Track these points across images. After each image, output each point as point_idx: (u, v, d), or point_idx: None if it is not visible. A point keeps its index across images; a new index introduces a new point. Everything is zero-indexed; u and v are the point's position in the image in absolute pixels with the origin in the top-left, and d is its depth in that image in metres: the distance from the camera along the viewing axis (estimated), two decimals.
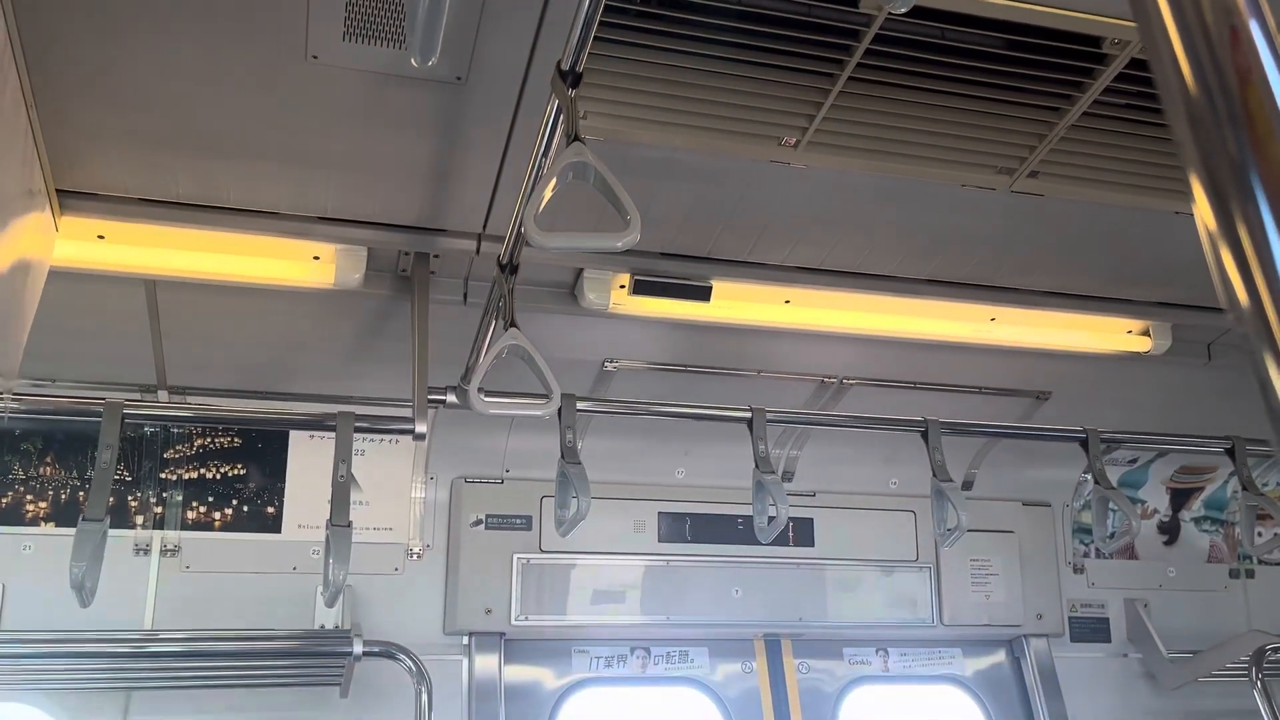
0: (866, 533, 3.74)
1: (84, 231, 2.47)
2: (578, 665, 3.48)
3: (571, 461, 2.56)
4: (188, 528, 3.17)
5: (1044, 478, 3.95)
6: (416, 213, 2.53)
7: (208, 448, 3.23)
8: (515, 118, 2.16)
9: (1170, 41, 0.50)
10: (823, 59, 2.13)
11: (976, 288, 3.01)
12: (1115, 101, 2.26)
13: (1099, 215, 2.65)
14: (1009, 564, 3.85)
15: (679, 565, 3.53)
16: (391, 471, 3.37)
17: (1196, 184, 0.50)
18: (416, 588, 3.34)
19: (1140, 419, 3.42)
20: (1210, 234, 0.49)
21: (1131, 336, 3.30)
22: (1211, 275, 0.50)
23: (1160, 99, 0.52)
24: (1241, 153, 0.48)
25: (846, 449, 3.67)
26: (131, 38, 1.91)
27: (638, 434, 3.47)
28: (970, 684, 3.85)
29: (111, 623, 2.95)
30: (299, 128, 2.18)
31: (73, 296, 2.65)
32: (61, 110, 2.08)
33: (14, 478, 3.06)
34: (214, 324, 2.93)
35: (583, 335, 3.08)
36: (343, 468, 2.52)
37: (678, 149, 2.32)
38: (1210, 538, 4.24)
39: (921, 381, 3.43)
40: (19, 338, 2.10)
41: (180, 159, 2.28)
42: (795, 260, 2.84)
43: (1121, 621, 4.03)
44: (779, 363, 3.32)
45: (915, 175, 2.45)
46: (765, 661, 3.66)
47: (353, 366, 3.14)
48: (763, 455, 2.76)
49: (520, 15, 1.90)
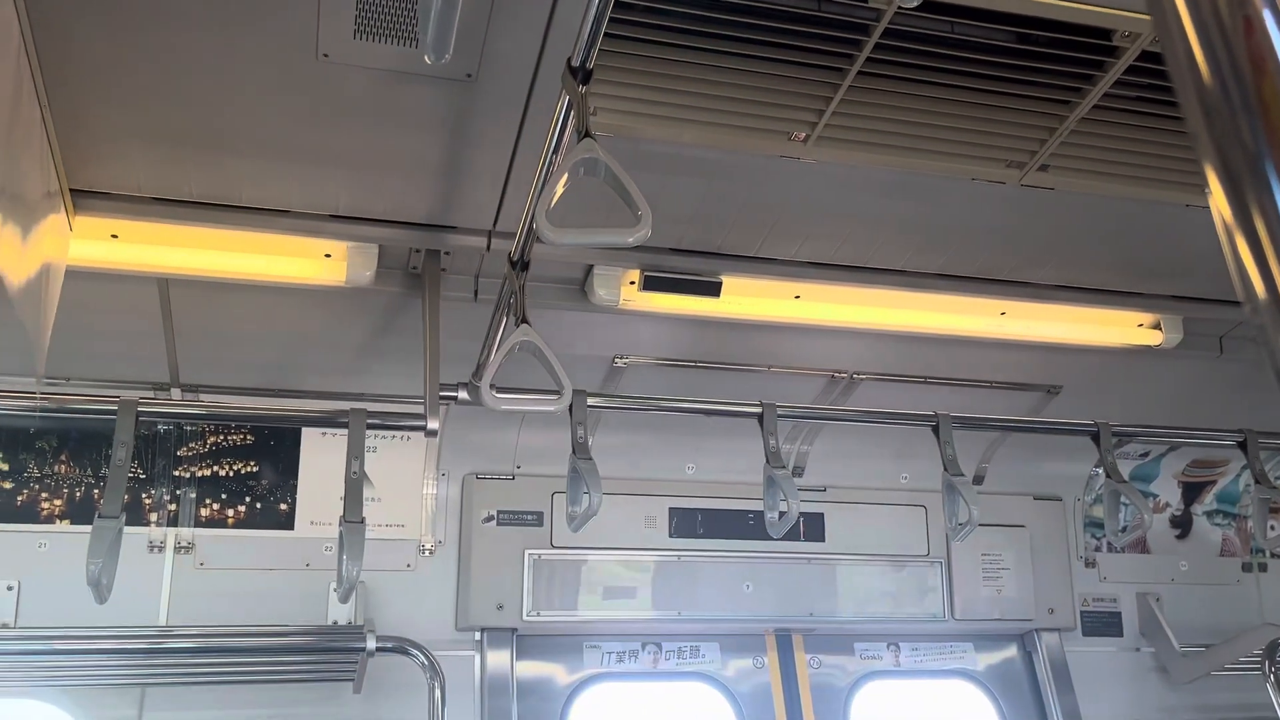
0: (878, 527, 3.74)
1: (97, 231, 2.48)
2: (589, 661, 3.49)
3: (583, 457, 2.56)
4: (201, 525, 3.19)
5: (1055, 472, 3.94)
6: (427, 210, 2.54)
7: (221, 445, 3.24)
8: (525, 114, 2.16)
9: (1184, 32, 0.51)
10: (832, 53, 2.13)
11: (987, 282, 3.01)
12: (1126, 94, 2.26)
13: (1110, 208, 2.64)
14: (1020, 558, 3.85)
15: (690, 560, 3.53)
16: (403, 468, 3.38)
17: (1212, 175, 0.50)
18: (429, 583, 3.35)
19: (1152, 413, 3.41)
20: (1226, 225, 0.49)
21: (1143, 330, 3.30)
22: (1228, 266, 0.50)
23: (1174, 90, 0.52)
24: (1257, 143, 0.48)
25: (857, 444, 3.67)
26: (143, 38, 1.92)
27: (648, 429, 3.47)
28: (982, 678, 3.85)
29: (126, 619, 2.97)
30: (310, 126, 2.19)
31: (87, 296, 2.66)
32: (75, 110, 2.09)
33: (29, 476, 3.08)
34: (226, 322, 2.94)
35: (593, 331, 3.09)
36: (355, 464, 2.53)
37: (688, 144, 2.32)
38: (1223, 531, 4.23)
39: (932, 376, 3.43)
40: (43, 338, 2.11)
41: (192, 158, 2.29)
42: (805, 255, 2.84)
43: (1134, 615, 4.02)
44: (789, 358, 3.32)
45: (925, 169, 2.45)
46: (776, 656, 3.66)
47: (364, 363, 3.15)
48: (773, 450, 2.76)
49: (530, 12, 1.90)
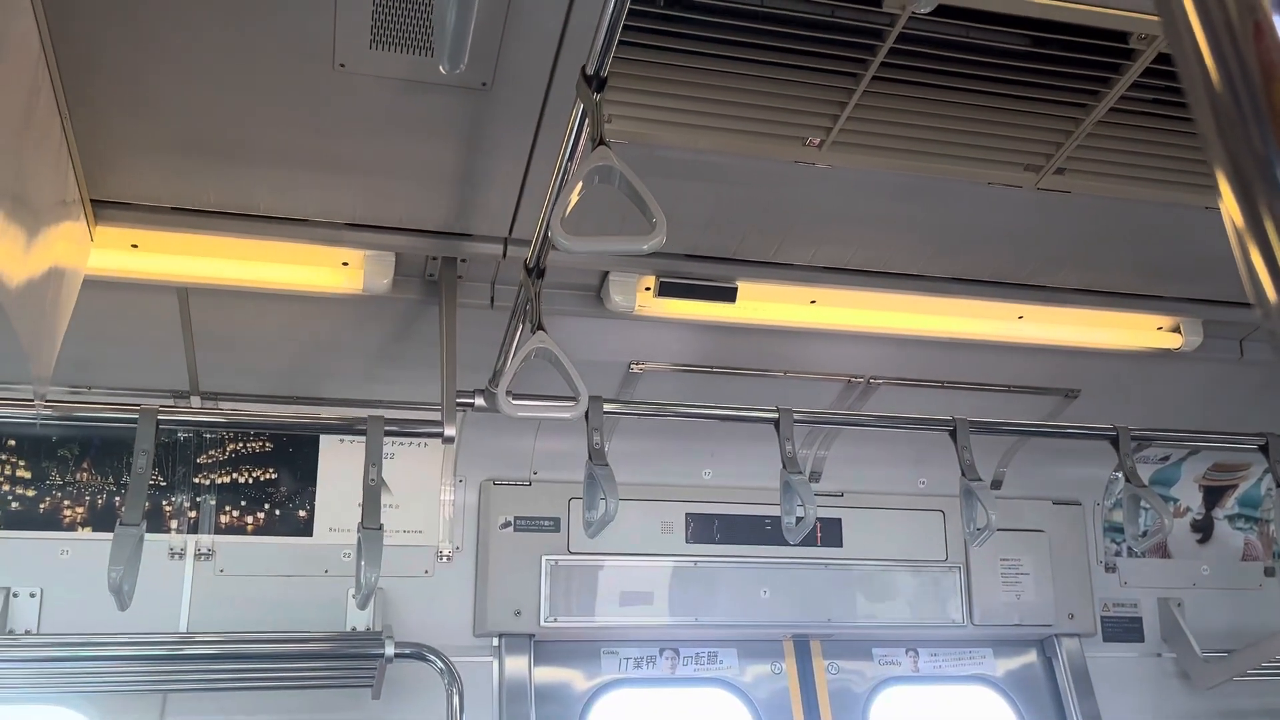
0: (895, 533, 3.73)
1: (118, 241, 2.51)
2: (607, 666, 3.49)
3: (599, 463, 2.57)
4: (221, 532, 3.21)
5: (1074, 476, 3.92)
6: (443, 218, 2.55)
7: (240, 452, 3.27)
8: (540, 122, 2.17)
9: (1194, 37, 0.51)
10: (846, 59, 2.13)
11: (1004, 285, 2.99)
12: (1143, 96, 2.25)
13: (1127, 211, 2.63)
14: (1039, 563, 3.82)
15: (707, 566, 3.53)
16: (421, 474, 3.39)
17: (1223, 180, 0.50)
18: (446, 590, 3.36)
19: (1172, 416, 3.38)
20: (1238, 231, 0.49)
21: (1162, 333, 3.27)
22: (1240, 272, 0.50)
23: (1185, 95, 0.52)
24: (1267, 148, 0.48)
25: (874, 449, 3.66)
26: (163, 48, 1.94)
27: (665, 435, 3.47)
28: (1001, 684, 3.83)
29: (147, 626, 2.99)
30: (327, 135, 2.21)
31: (108, 305, 2.69)
32: (95, 121, 2.11)
33: (51, 483, 3.11)
34: (245, 330, 2.97)
35: (609, 337, 3.09)
36: (373, 471, 2.54)
37: (702, 151, 2.32)
38: (1244, 535, 4.19)
39: (949, 380, 3.42)
40: (53, 346, 2.13)
41: (211, 168, 2.32)
42: (821, 260, 2.84)
43: (1155, 621, 3.99)
44: (805, 363, 3.32)
45: (941, 174, 2.44)
46: (794, 662, 3.66)
47: (382, 370, 3.17)
48: (790, 456, 2.76)
49: (545, 21, 1.91)
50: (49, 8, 1.78)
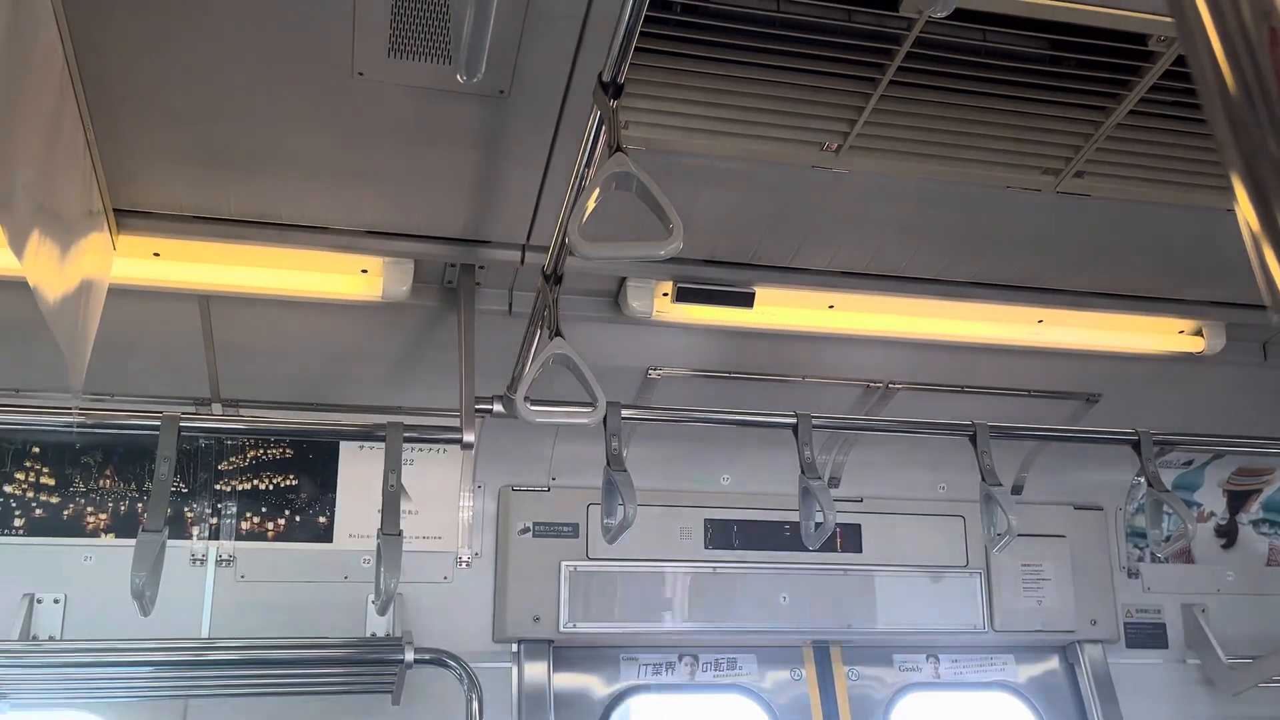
0: (915, 538, 3.71)
1: (140, 249, 2.53)
2: (626, 673, 3.49)
3: (617, 469, 2.57)
4: (242, 538, 3.23)
5: (1095, 481, 3.89)
6: (462, 225, 2.56)
7: (260, 459, 3.29)
8: (558, 129, 2.18)
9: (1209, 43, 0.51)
10: (863, 64, 2.13)
11: (1023, 289, 2.98)
12: (1162, 99, 2.23)
13: (1148, 214, 2.61)
14: (1061, 569, 3.80)
15: (726, 572, 3.52)
16: (440, 481, 3.41)
17: (1239, 185, 0.50)
18: (466, 596, 3.37)
19: (1194, 420, 3.36)
20: (1253, 235, 0.49)
21: (1184, 337, 3.25)
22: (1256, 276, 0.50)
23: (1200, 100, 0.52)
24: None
25: (893, 454, 3.64)
26: (184, 60, 1.96)
27: (683, 441, 3.47)
28: (1023, 691, 3.80)
29: (168, 632, 3.01)
30: (346, 144, 2.22)
31: (130, 313, 2.71)
32: (117, 130, 2.13)
33: (75, 490, 3.14)
34: (266, 338, 2.99)
35: (627, 343, 3.10)
36: (392, 477, 2.55)
37: (719, 156, 2.33)
38: (1270, 540, 4.15)
39: (969, 385, 3.40)
40: (84, 355, 2.15)
41: (232, 177, 2.33)
42: (839, 265, 2.83)
43: (1179, 627, 3.95)
44: (824, 368, 3.31)
45: (959, 178, 2.43)
46: (814, 668, 3.64)
47: (401, 377, 3.18)
48: (809, 461, 2.75)
49: (562, 28, 1.92)
50: (71, 18, 1.80)
